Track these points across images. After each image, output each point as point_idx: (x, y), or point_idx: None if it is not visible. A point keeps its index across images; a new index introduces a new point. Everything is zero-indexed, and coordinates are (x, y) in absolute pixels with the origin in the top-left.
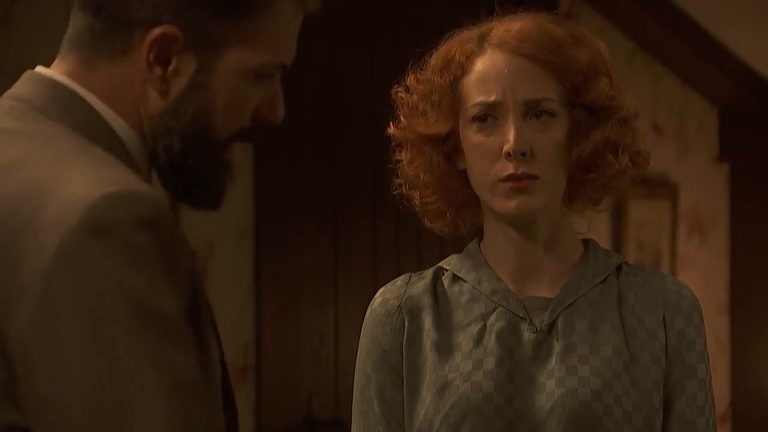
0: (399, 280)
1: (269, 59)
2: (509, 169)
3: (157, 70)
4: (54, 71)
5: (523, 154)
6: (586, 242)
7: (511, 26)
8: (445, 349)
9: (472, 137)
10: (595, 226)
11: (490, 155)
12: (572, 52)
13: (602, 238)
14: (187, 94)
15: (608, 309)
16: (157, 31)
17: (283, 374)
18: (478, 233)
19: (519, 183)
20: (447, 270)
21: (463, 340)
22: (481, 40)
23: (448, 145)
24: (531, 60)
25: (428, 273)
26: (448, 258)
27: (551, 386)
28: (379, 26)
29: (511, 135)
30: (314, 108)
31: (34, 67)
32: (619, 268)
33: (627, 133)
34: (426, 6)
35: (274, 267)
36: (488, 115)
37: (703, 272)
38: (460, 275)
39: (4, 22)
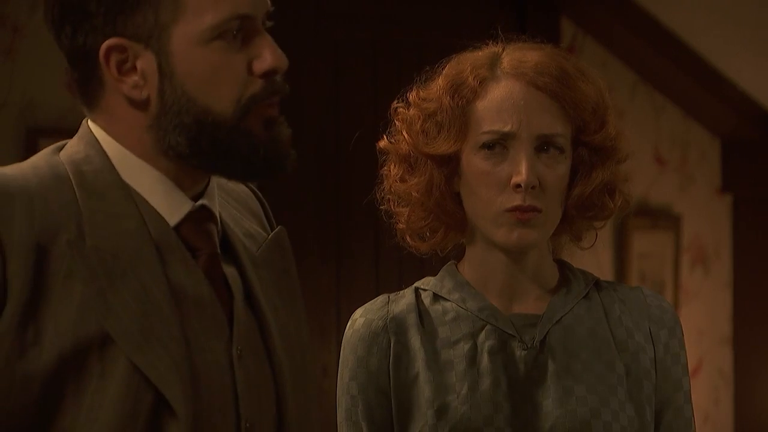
0: (378, 300)
1: (217, 18)
2: (516, 200)
3: (128, 82)
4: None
5: (533, 187)
6: (560, 263)
7: (525, 56)
8: (437, 367)
9: (478, 164)
10: (598, 257)
11: (497, 185)
12: (584, 88)
13: (605, 269)
14: (163, 89)
15: (597, 323)
16: (102, 50)
17: None
18: (452, 256)
19: (524, 215)
20: (426, 290)
21: (455, 358)
22: (493, 66)
23: (449, 167)
24: (547, 94)
25: (407, 293)
26: (423, 280)
27: (549, 406)
28: (381, 57)
29: (523, 168)
30: (316, 138)
31: (36, 99)
32: (596, 284)
33: (620, 175)
34: (428, 36)
35: None
36: (498, 144)
37: (706, 304)
38: (441, 294)
39: (7, 54)
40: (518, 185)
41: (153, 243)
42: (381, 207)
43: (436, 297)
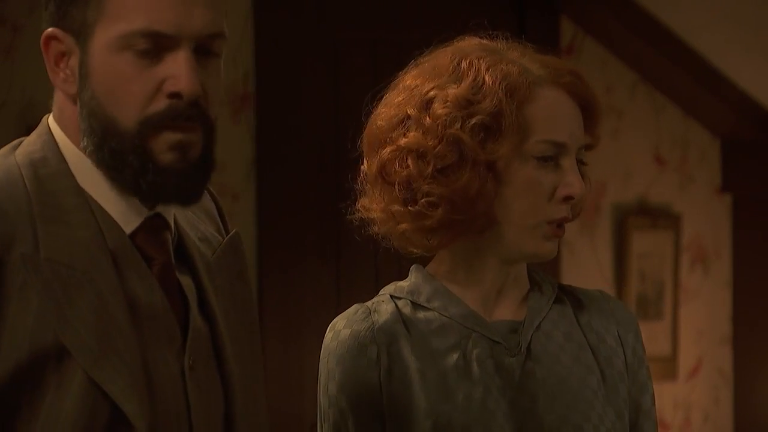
0: (359, 311)
1: (127, 28)
2: (563, 212)
3: (60, 75)
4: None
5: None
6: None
7: (555, 62)
8: (430, 378)
9: (529, 173)
10: (598, 257)
11: (545, 194)
12: (599, 98)
13: (605, 268)
14: (82, 88)
15: (571, 328)
16: (42, 37)
17: (285, 405)
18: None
19: (562, 230)
20: (401, 298)
21: (446, 367)
22: (527, 72)
23: (497, 169)
24: (579, 103)
25: (384, 301)
26: (393, 286)
27: (540, 411)
28: (381, 56)
29: (577, 180)
30: (316, 138)
31: (36, 98)
32: (560, 288)
33: None
34: (428, 35)
35: (277, 298)
36: (552, 156)
37: (706, 303)
38: (420, 303)
39: (7, 53)
40: (571, 197)
41: (109, 252)
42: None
43: (415, 305)
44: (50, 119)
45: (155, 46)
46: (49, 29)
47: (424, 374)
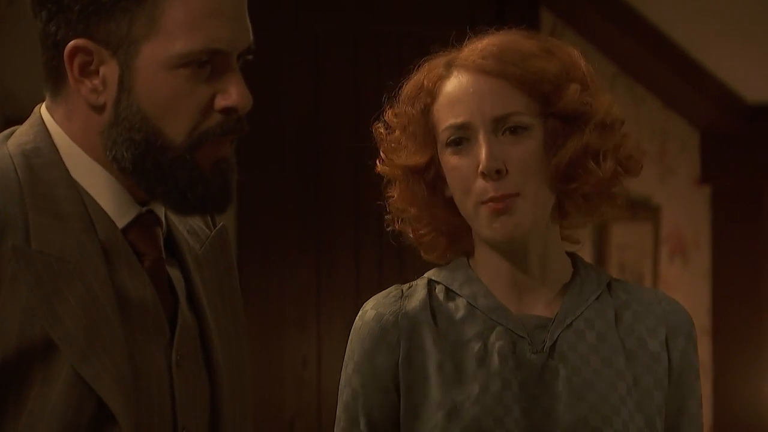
0: (392, 293)
1: (188, 47)
2: (489, 191)
3: (87, 84)
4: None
5: (498, 171)
6: (572, 257)
7: (477, 45)
8: (448, 368)
9: (448, 161)
10: (578, 249)
11: (468, 177)
12: (538, 63)
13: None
14: (119, 101)
15: (607, 329)
16: (68, 48)
17: (266, 397)
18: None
19: (499, 204)
20: (439, 283)
21: (465, 359)
22: (449, 64)
23: (430, 174)
24: (495, 76)
25: (420, 286)
26: (435, 271)
27: (560, 411)
28: (362, 48)
29: (483, 154)
30: (296, 130)
31: (17, 90)
32: (608, 285)
33: (610, 138)
34: (408, 28)
35: (257, 289)
36: (461, 138)
37: (684, 295)
38: (452, 288)
39: None
40: (483, 173)
41: (100, 245)
42: (388, 228)
43: (448, 291)
44: (43, 110)
45: (211, 62)
46: (77, 41)
47: (443, 365)
